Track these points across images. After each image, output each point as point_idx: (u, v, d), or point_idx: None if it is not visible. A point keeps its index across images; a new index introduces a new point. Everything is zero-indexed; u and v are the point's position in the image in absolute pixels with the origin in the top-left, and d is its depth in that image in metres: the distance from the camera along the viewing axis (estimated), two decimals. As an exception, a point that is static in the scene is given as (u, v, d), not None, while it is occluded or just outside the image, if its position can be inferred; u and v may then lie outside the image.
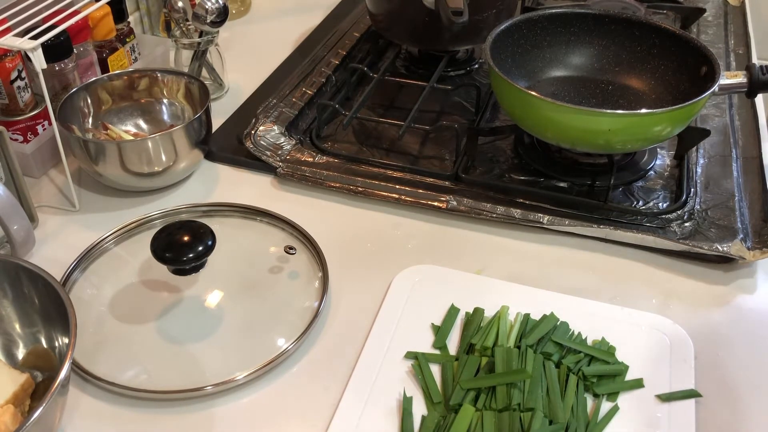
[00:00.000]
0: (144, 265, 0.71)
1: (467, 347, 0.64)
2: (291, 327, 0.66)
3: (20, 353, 0.62)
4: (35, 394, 0.59)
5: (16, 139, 0.83)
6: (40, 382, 0.60)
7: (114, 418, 0.60)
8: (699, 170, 0.85)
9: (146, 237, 0.68)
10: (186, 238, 0.64)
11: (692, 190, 0.81)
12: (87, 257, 0.72)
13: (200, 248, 0.64)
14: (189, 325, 0.66)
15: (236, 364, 0.62)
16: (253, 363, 0.62)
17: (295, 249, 0.74)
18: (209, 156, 0.89)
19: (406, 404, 0.59)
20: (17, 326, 0.62)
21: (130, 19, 1.00)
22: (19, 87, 0.81)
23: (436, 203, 0.80)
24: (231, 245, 0.73)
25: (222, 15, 0.93)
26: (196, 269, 0.65)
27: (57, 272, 0.59)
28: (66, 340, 0.56)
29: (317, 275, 0.71)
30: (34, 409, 0.48)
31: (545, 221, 0.77)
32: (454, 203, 0.79)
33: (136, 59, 0.99)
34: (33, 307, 0.61)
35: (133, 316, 0.67)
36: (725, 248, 0.72)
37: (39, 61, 0.69)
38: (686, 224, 0.76)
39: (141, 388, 0.60)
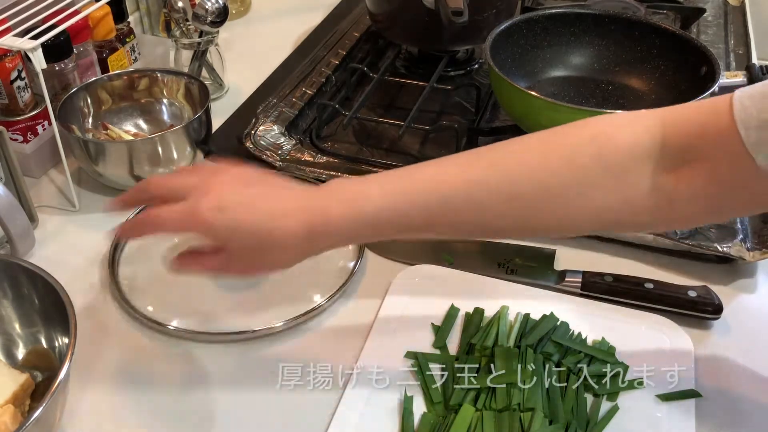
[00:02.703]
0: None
1: (467, 347, 0.64)
2: (326, 287, 0.70)
3: (20, 353, 0.62)
4: (35, 393, 0.59)
5: (16, 139, 0.83)
6: (40, 382, 0.60)
7: (114, 416, 0.60)
8: (699, 170, 0.85)
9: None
10: None
11: (692, 190, 0.81)
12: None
13: None
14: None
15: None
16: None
17: None
18: (209, 156, 0.89)
19: (406, 404, 0.59)
20: (17, 326, 0.62)
21: (130, 19, 1.00)
22: (19, 87, 0.81)
23: (436, 203, 0.79)
24: None
25: (222, 15, 0.93)
26: None
27: (57, 272, 0.59)
28: (66, 340, 0.56)
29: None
30: (34, 409, 0.48)
31: (545, 221, 0.77)
32: (454, 203, 0.79)
33: (136, 59, 0.99)
34: (33, 307, 0.61)
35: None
36: (725, 248, 0.72)
37: (39, 61, 0.69)
38: (686, 224, 0.76)
39: (190, 329, 0.66)
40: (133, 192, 0.59)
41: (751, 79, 0.78)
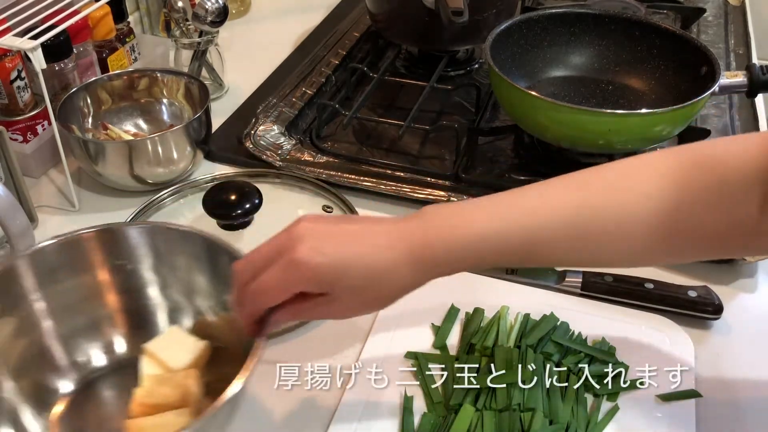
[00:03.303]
0: (194, 221, 0.76)
1: (467, 347, 0.64)
2: None
3: (203, 321, 0.63)
4: (215, 361, 0.60)
5: (15, 139, 0.83)
6: (219, 350, 0.60)
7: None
8: (699, 170, 0.84)
9: (197, 197, 0.77)
10: (234, 197, 0.70)
11: (692, 190, 0.81)
12: (142, 212, 0.77)
13: (247, 205, 0.70)
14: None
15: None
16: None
17: (332, 208, 0.78)
18: (209, 156, 0.88)
19: (406, 404, 0.59)
20: (204, 299, 0.63)
21: (130, 19, 1.00)
22: (18, 87, 0.81)
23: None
24: (274, 207, 0.76)
25: (222, 15, 0.93)
26: (244, 225, 0.70)
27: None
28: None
29: None
30: (234, 378, 0.49)
31: (545, 221, 0.76)
32: (454, 203, 0.79)
33: (135, 59, 0.99)
34: (224, 282, 0.58)
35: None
36: (725, 248, 0.72)
37: (39, 61, 0.69)
38: (686, 224, 0.76)
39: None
40: (235, 289, 0.52)
41: (751, 79, 0.78)
